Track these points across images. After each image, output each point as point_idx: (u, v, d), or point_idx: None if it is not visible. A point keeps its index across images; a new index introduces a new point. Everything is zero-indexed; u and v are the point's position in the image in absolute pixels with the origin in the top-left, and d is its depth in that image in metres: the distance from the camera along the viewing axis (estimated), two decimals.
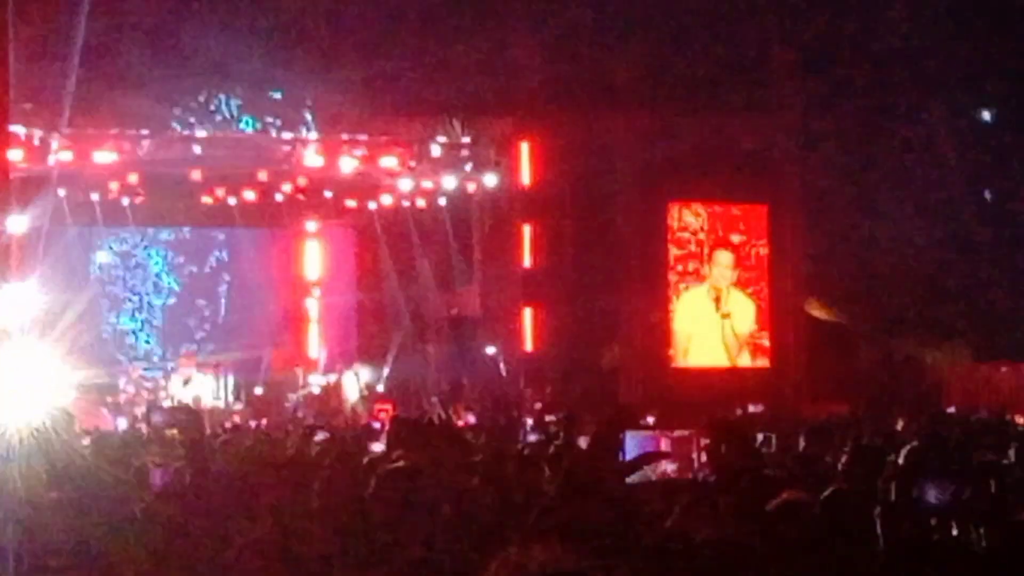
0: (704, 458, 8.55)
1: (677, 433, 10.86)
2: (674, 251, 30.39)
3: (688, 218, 30.43)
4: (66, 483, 9.00)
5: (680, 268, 30.43)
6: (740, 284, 30.61)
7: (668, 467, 8.29)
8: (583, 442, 16.08)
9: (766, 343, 30.69)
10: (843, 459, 10.98)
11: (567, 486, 5.59)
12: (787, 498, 6.07)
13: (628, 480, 6.00)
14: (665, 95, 29.16)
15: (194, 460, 8.11)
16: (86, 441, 16.89)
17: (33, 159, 27.11)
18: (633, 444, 7.50)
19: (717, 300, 30.37)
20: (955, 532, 7.67)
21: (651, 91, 29.42)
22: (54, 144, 27.45)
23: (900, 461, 10.22)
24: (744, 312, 30.60)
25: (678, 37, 28.93)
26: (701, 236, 30.46)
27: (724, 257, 30.49)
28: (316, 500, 7.58)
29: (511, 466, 10.17)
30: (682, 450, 8.71)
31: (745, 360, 30.51)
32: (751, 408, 25.22)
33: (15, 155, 23.56)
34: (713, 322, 30.34)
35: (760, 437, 12.90)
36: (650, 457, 7.54)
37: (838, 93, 29.32)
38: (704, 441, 8.76)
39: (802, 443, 12.84)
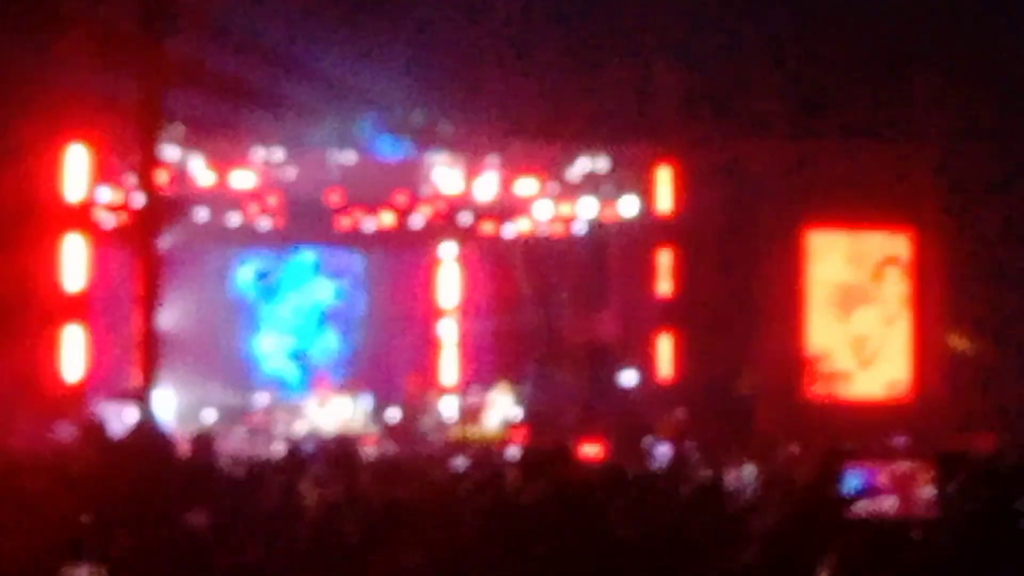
0: (928, 494, 8.20)
1: (896, 465, 10.54)
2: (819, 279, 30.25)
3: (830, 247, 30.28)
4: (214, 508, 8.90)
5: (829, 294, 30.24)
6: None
7: (886, 503, 7.95)
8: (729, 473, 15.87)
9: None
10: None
11: (786, 517, 5.35)
12: None
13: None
14: (807, 120, 28.92)
15: (349, 488, 7.94)
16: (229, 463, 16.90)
17: (175, 181, 27.36)
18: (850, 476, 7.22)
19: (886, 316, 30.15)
20: None
21: (793, 116, 29.19)
22: (195, 166, 27.70)
23: None
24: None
25: (821, 63, 28.67)
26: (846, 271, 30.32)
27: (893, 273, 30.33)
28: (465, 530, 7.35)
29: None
30: (902, 485, 8.34)
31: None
32: (894, 440, 24.80)
33: (160, 177, 23.74)
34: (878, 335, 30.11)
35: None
36: (872, 492, 7.28)
37: (984, 119, 28.91)
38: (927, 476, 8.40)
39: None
